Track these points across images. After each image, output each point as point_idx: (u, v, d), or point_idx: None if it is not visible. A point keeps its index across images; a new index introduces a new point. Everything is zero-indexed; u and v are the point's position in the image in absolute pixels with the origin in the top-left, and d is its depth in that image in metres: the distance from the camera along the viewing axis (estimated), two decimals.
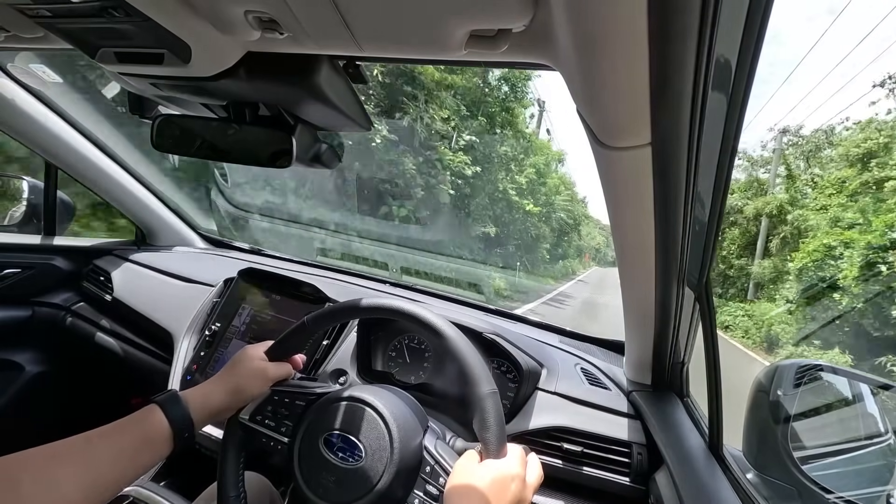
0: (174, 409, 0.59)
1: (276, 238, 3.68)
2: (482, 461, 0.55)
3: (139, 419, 0.57)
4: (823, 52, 19.76)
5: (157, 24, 0.41)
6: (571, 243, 22.42)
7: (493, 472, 0.53)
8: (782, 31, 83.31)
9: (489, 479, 0.52)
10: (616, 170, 0.50)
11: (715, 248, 0.56)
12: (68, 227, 1.53)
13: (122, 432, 0.55)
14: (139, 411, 0.58)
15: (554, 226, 15.94)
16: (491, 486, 0.52)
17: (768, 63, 56.95)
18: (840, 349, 8.28)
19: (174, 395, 0.62)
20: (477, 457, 0.56)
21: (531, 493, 0.56)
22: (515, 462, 0.55)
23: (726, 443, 0.74)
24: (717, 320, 0.66)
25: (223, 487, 0.66)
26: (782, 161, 17.46)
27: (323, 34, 0.43)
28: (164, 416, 0.58)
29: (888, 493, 0.74)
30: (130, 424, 0.56)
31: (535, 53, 0.43)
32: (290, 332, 0.71)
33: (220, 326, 1.13)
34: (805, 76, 44.80)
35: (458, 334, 0.63)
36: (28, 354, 1.43)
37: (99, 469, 0.50)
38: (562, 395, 0.92)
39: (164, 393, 0.62)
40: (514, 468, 0.54)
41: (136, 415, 0.58)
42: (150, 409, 0.59)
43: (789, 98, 54.09)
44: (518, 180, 12.18)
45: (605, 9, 0.31)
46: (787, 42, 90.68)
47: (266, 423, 0.69)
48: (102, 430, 0.54)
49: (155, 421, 0.58)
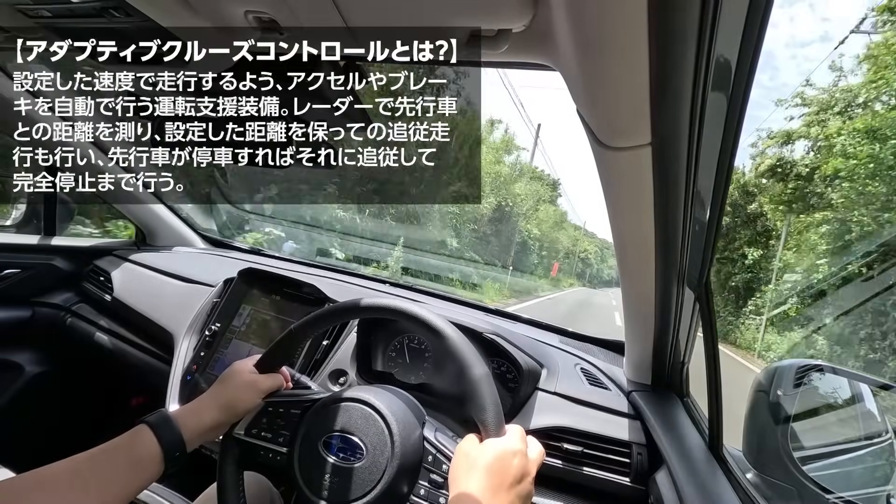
0: (165, 430, 0.58)
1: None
2: (482, 442, 0.55)
3: (128, 441, 0.56)
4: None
5: (157, 24, 0.41)
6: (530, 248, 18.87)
7: (494, 450, 0.53)
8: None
9: (491, 457, 0.52)
10: (616, 170, 0.50)
11: (715, 248, 0.56)
12: (68, 227, 1.53)
13: (111, 455, 0.54)
14: (128, 433, 0.57)
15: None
16: (493, 463, 0.52)
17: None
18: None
19: (165, 415, 0.60)
20: (476, 439, 0.56)
21: (535, 467, 0.55)
22: (516, 439, 0.55)
23: (726, 443, 0.74)
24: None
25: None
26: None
27: (323, 34, 0.43)
28: (155, 438, 0.57)
29: (888, 493, 0.74)
30: (120, 447, 0.55)
31: (535, 53, 0.43)
32: (279, 341, 0.70)
33: (220, 326, 1.13)
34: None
35: (443, 320, 0.62)
36: (28, 354, 1.43)
37: (87, 494, 0.49)
38: (562, 395, 0.92)
39: (154, 413, 0.60)
40: (515, 444, 0.54)
41: (126, 437, 0.56)
42: (139, 431, 0.57)
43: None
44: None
45: (606, 9, 0.31)
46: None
47: (262, 435, 0.68)
48: (91, 453, 0.53)
49: (145, 443, 0.56)
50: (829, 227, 9.89)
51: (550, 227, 23.68)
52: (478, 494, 0.49)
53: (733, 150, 0.43)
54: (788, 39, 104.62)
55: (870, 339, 7.75)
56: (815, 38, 69.08)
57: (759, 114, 22.01)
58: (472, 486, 0.50)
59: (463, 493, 0.50)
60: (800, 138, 12.76)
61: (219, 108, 0.60)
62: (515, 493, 0.51)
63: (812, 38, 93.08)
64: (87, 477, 0.51)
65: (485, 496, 0.49)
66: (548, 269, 22.59)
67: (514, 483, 0.51)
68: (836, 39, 14.41)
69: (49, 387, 1.46)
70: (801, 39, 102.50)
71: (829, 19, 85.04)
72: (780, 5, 33.98)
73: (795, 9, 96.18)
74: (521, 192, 16.82)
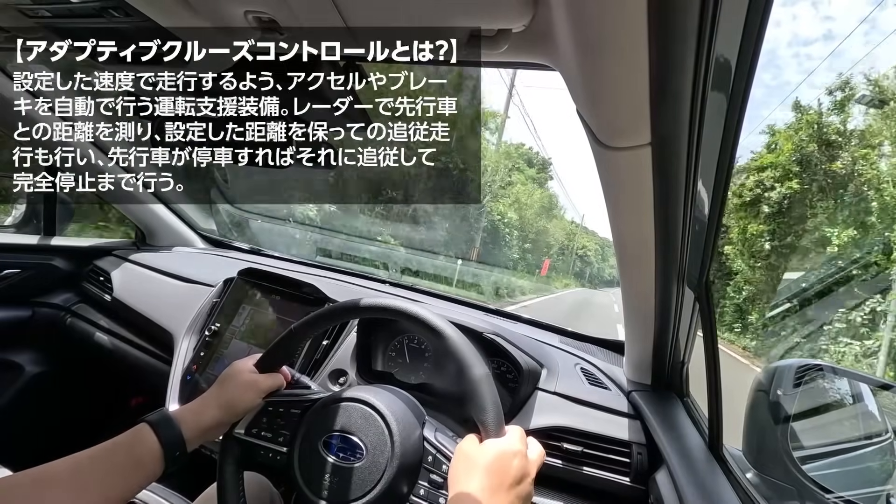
0: (165, 429, 0.58)
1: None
2: (482, 442, 0.55)
3: (129, 440, 0.56)
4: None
5: (157, 24, 0.41)
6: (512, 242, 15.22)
7: (494, 450, 0.53)
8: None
9: (491, 457, 0.52)
10: (616, 170, 0.51)
11: (715, 248, 0.56)
12: (68, 227, 1.53)
13: (111, 454, 0.54)
14: (129, 431, 0.57)
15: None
16: (493, 463, 0.52)
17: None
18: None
19: (165, 414, 0.60)
20: (476, 439, 0.56)
21: (534, 468, 0.55)
22: (516, 439, 0.55)
23: (726, 443, 0.74)
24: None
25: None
26: None
27: (323, 34, 0.43)
28: (155, 437, 0.57)
29: (888, 493, 0.74)
30: (120, 446, 0.55)
31: (535, 54, 0.43)
32: (279, 341, 0.70)
33: (220, 326, 1.13)
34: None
35: (443, 320, 0.62)
36: (28, 354, 1.43)
37: (88, 492, 0.50)
38: (562, 395, 0.92)
39: (155, 412, 0.61)
40: (515, 445, 0.54)
41: (127, 435, 0.57)
42: (140, 430, 0.58)
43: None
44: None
45: (605, 9, 0.31)
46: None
47: (262, 434, 0.68)
48: (92, 451, 0.53)
49: (145, 442, 0.57)
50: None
51: (536, 214, 19.57)
52: (477, 494, 0.49)
53: (733, 150, 0.43)
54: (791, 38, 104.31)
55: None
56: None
57: (761, 113, 21.25)
58: (472, 486, 0.50)
59: (462, 493, 0.50)
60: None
61: (219, 108, 0.60)
62: (515, 494, 0.51)
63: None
64: (87, 475, 0.51)
65: (484, 496, 0.49)
66: (532, 265, 19.46)
67: (513, 484, 0.51)
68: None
69: (49, 387, 1.46)
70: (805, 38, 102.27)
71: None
72: (780, 4, 34.10)
73: (797, 8, 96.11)
74: (488, 159, 12.85)
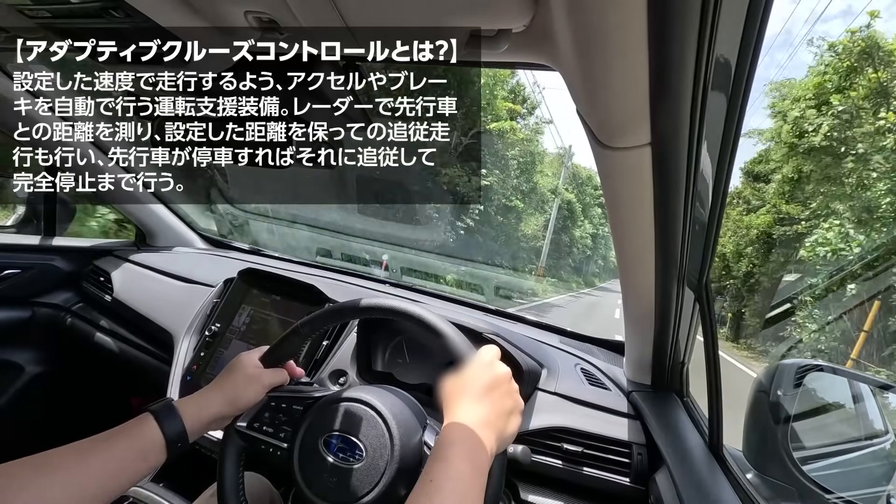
0: (168, 418, 0.58)
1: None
2: (459, 371, 0.59)
3: (132, 429, 0.56)
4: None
5: (156, 24, 0.41)
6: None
7: (471, 367, 0.58)
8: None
9: (471, 373, 0.58)
10: (616, 170, 0.51)
11: (715, 248, 0.56)
12: (68, 227, 1.53)
13: (114, 442, 0.54)
14: (132, 420, 0.58)
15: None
16: (473, 376, 0.57)
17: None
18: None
19: (169, 404, 0.60)
20: (454, 373, 0.60)
21: (504, 368, 0.60)
22: (488, 353, 0.61)
23: (726, 443, 0.74)
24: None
25: (224, 498, 0.65)
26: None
27: (322, 34, 0.43)
28: (158, 426, 0.57)
29: (888, 493, 0.74)
30: (123, 434, 0.55)
31: (535, 53, 0.43)
32: (284, 337, 0.71)
33: (220, 327, 1.13)
34: None
35: (441, 319, 0.64)
36: (28, 355, 1.43)
37: (89, 480, 0.50)
38: (562, 395, 0.92)
39: (158, 402, 0.61)
40: (487, 356, 0.60)
41: (129, 424, 0.57)
42: (143, 419, 0.58)
43: None
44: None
45: (605, 9, 0.31)
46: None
47: (264, 429, 0.68)
48: (94, 439, 0.53)
49: (148, 431, 0.57)
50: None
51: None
52: (470, 415, 0.54)
53: (733, 150, 0.43)
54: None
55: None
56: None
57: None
58: (463, 408, 0.54)
59: (453, 417, 0.54)
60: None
61: (219, 108, 0.60)
62: (499, 394, 0.57)
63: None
64: (91, 462, 0.51)
65: (476, 410, 0.54)
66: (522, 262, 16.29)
67: (493, 387, 0.57)
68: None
69: (49, 387, 1.46)
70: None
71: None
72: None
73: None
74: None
